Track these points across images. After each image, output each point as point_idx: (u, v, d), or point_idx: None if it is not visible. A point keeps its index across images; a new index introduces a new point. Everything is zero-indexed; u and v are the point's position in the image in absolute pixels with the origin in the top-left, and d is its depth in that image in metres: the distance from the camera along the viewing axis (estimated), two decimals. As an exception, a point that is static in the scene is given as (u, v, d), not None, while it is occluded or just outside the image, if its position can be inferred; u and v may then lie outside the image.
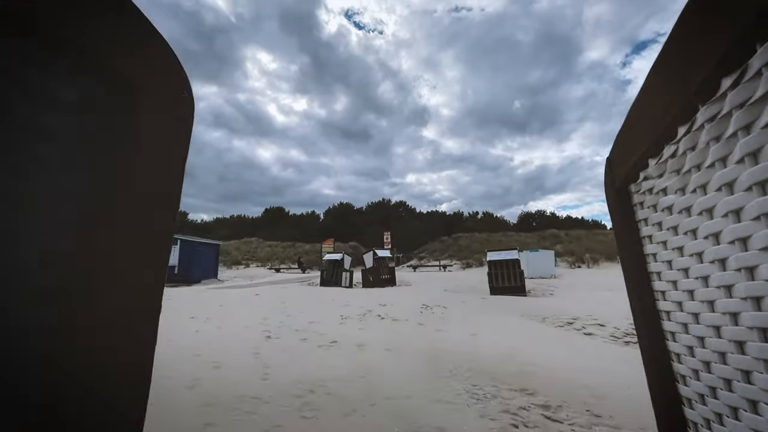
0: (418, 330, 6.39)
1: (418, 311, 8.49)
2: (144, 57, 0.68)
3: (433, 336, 5.87)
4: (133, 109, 0.67)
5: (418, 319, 7.51)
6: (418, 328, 6.52)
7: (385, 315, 7.75)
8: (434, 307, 9.08)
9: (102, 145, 0.63)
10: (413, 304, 9.59)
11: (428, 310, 8.63)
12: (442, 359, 4.48)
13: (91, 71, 0.61)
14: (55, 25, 0.54)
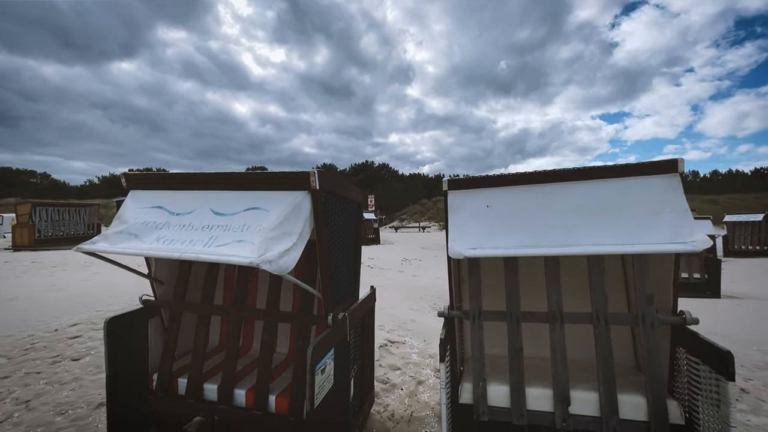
0: (400, 275, 8.61)
1: (399, 263, 10.74)
2: (354, 193, 2.47)
3: (410, 279, 8.11)
4: (359, 210, 2.51)
5: (400, 268, 9.76)
6: (399, 274, 8.75)
7: (373, 266, 9.92)
8: (412, 260, 11.38)
9: (354, 222, 2.47)
10: (395, 258, 11.84)
11: (407, 262, 10.91)
12: (415, 291, 6.70)
13: (351, 201, 2.42)
14: (359, 201, 2.37)
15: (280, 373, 2.02)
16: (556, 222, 1.65)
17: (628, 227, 1.55)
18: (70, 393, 2.75)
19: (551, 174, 1.76)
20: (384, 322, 4.57)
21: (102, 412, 2.49)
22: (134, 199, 1.82)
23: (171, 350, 1.99)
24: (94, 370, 3.15)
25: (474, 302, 1.92)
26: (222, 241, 1.49)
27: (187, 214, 1.69)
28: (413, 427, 2.37)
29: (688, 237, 1.44)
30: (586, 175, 1.70)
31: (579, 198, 1.68)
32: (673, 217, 1.52)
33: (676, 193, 1.57)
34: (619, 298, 2.12)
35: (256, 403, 1.79)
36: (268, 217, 1.52)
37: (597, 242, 1.55)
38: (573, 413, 1.71)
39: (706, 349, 1.51)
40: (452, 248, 1.68)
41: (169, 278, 2.17)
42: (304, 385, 1.70)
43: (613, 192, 1.65)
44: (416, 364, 3.41)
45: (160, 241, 1.57)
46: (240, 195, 1.68)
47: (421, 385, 3.00)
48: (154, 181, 1.85)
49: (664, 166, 1.61)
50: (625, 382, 1.76)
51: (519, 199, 1.76)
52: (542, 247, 1.60)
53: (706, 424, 1.52)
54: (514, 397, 1.77)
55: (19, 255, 12.08)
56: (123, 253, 1.56)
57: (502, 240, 1.67)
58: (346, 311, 1.92)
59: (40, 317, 4.63)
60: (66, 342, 3.80)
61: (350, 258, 2.24)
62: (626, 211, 1.59)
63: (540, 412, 1.76)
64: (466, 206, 1.83)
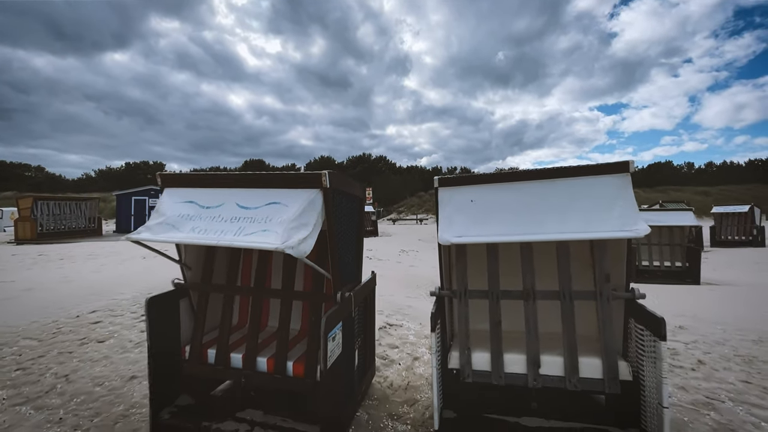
0: (398, 265, 8.96)
1: (397, 254, 11.08)
2: (357, 190, 2.77)
3: (407, 269, 8.45)
4: (362, 205, 2.80)
5: (397, 259, 10.10)
6: (397, 265, 9.09)
7: (372, 256, 10.25)
8: (409, 251, 11.72)
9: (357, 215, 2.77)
10: (393, 249, 12.19)
11: (405, 254, 11.25)
12: (412, 280, 7.04)
13: (356, 197, 2.71)
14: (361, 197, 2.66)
15: (295, 345, 2.35)
16: (529, 214, 1.96)
17: (586, 218, 1.86)
18: (103, 368, 3.07)
19: (525, 173, 2.06)
20: (383, 308, 4.91)
21: (134, 383, 2.82)
22: (169, 195, 2.11)
23: (201, 326, 2.31)
24: (120, 350, 3.47)
25: (460, 283, 2.24)
26: (249, 231, 1.79)
27: (216, 207, 1.98)
28: (409, 394, 2.71)
29: (633, 226, 1.75)
30: (554, 174, 2.01)
31: (548, 193, 1.98)
32: (623, 210, 1.83)
33: (626, 190, 1.88)
34: (588, 279, 2.45)
35: (276, 368, 2.11)
36: (287, 211, 1.82)
37: (561, 230, 1.86)
38: (542, 374, 2.05)
39: (648, 318, 1.84)
40: (441, 236, 1.99)
41: (196, 264, 2.47)
42: (317, 351, 2.03)
43: (576, 188, 1.96)
44: (413, 343, 3.76)
45: (195, 230, 1.86)
46: (261, 192, 1.97)
47: (416, 360, 3.34)
48: (185, 180, 2.14)
49: (618, 167, 1.92)
50: (587, 349, 2.10)
51: (498, 195, 2.06)
52: (517, 234, 1.91)
53: (648, 379, 1.86)
54: (494, 362, 2.11)
55: (23, 248, 12.31)
56: (164, 241, 1.86)
57: (484, 229, 1.98)
58: (351, 291, 2.24)
59: (60, 305, 4.93)
60: (89, 327, 4.11)
61: (354, 246, 2.55)
62: (586, 204, 1.90)
63: (515, 374, 2.09)
64: (453, 201, 2.14)
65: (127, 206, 20.06)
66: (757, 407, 2.41)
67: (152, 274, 7.28)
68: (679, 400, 2.53)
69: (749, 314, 4.57)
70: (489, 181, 2.12)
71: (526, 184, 2.06)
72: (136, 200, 20.05)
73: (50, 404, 2.51)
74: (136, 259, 9.66)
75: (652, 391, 1.81)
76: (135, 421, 2.32)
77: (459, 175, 2.21)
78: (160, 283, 6.13)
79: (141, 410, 2.43)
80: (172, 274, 7.96)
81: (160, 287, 5.82)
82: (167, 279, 6.31)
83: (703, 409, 2.41)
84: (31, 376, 2.92)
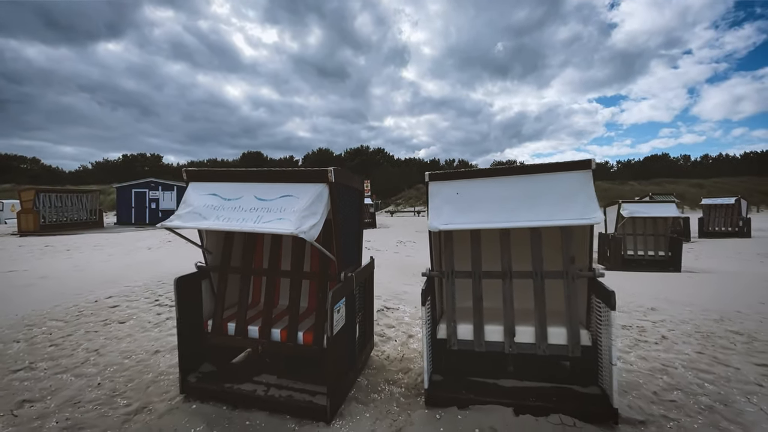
0: (395, 255, 9.32)
1: (395, 245, 11.44)
2: (357, 183, 3.07)
3: (404, 258, 8.81)
4: (362, 197, 3.10)
5: (395, 249, 10.46)
6: (394, 255, 9.45)
7: (370, 247, 10.61)
8: (407, 242, 12.09)
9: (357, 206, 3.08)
10: (391, 240, 12.55)
11: (402, 244, 11.61)
12: (408, 269, 7.40)
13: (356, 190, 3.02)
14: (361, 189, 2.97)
15: (303, 319, 2.69)
16: (506, 204, 2.28)
17: (553, 207, 2.19)
18: (129, 344, 3.41)
19: (503, 170, 2.39)
20: (381, 293, 5.27)
21: (159, 356, 3.16)
22: (194, 188, 2.41)
23: (221, 302, 2.64)
24: (141, 329, 3.81)
25: (448, 264, 2.58)
26: (267, 219, 2.10)
27: (236, 199, 2.30)
28: (404, 364, 3.07)
29: (591, 214, 2.08)
30: (527, 170, 2.33)
31: (522, 187, 2.31)
32: (585, 201, 2.16)
33: (588, 184, 2.21)
34: (557, 261, 2.79)
35: (289, 337, 2.45)
36: (299, 202, 2.14)
37: (532, 218, 2.19)
38: (517, 341, 2.40)
39: (603, 292, 2.18)
40: (431, 224, 2.32)
41: (216, 249, 2.79)
42: (324, 323, 2.36)
43: (545, 183, 2.28)
44: (408, 323, 4.11)
45: (220, 219, 2.18)
46: (276, 186, 2.28)
47: (411, 338, 3.70)
48: (209, 175, 2.45)
49: (581, 164, 2.24)
50: (555, 321, 2.45)
51: (480, 189, 2.39)
52: (495, 222, 2.24)
53: (604, 343, 2.21)
54: (476, 332, 2.46)
55: (28, 240, 12.58)
56: (193, 227, 2.17)
57: (468, 218, 2.31)
58: (352, 272, 2.57)
59: (76, 291, 5.26)
60: (108, 310, 4.45)
61: (355, 233, 2.88)
62: (554, 196, 2.23)
63: (494, 342, 2.44)
64: (441, 193, 2.46)
65: (127, 198, 20.27)
66: (704, 372, 2.79)
67: (159, 264, 7.59)
68: (639, 367, 2.90)
69: (717, 297, 4.96)
70: (472, 177, 2.44)
71: (504, 179, 2.38)
72: (136, 192, 20.25)
73: (87, 372, 2.85)
74: (141, 251, 9.96)
75: (606, 352, 2.17)
76: (164, 385, 2.66)
77: (446, 171, 2.53)
78: (167, 272, 6.45)
79: (168, 377, 2.78)
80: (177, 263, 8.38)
81: (168, 276, 6.15)
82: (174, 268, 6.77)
83: (658, 374, 2.78)
84: (65, 350, 3.26)
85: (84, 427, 2.16)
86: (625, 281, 6.38)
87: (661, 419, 2.19)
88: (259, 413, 2.30)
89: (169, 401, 2.44)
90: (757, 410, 2.28)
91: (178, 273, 2.63)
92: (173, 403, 2.41)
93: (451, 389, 2.44)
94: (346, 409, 2.36)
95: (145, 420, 2.24)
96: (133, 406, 2.39)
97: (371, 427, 2.19)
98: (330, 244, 2.57)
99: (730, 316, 4.11)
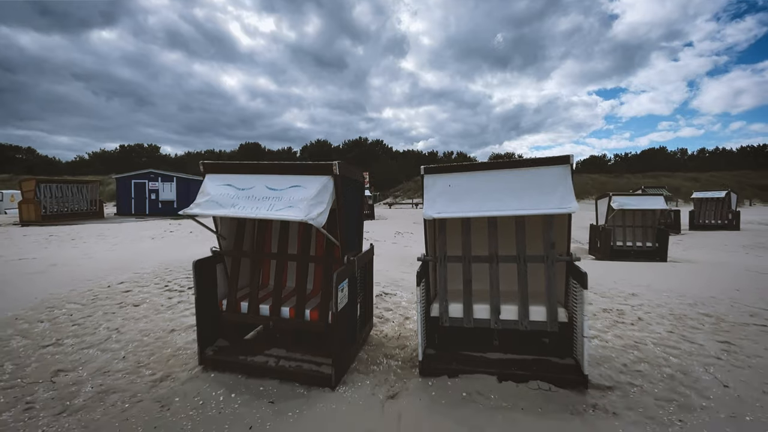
0: (393, 246, 9.60)
1: (393, 236, 11.72)
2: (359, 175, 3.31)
3: (402, 249, 9.09)
4: (362, 188, 3.34)
5: (393, 240, 10.74)
6: (392, 245, 9.73)
7: (369, 238, 10.88)
8: (404, 233, 12.37)
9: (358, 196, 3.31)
10: (389, 231, 12.82)
11: (400, 235, 11.89)
12: (406, 258, 7.68)
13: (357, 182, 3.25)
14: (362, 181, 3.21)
15: (309, 299, 2.95)
16: (492, 195, 2.53)
17: (535, 198, 2.44)
18: (146, 324, 3.68)
19: (491, 164, 2.63)
20: (379, 280, 5.55)
21: (175, 335, 3.43)
22: (210, 179, 2.65)
23: (235, 284, 2.90)
24: (155, 312, 4.08)
25: (441, 250, 2.84)
26: (278, 207, 2.35)
27: (249, 189, 2.54)
28: (400, 342, 3.35)
29: (567, 204, 2.34)
30: (512, 165, 2.58)
31: (507, 180, 2.56)
32: (563, 193, 2.41)
33: (567, 178, 2.46)
34: (539, 247, 3.06)
35: (296, 314, 2.72)
36: (307, 192, 2.38)
37: (516, 208, 2.44)
38: (502, 318, 2.68)
39: (579, 275, 2.45)
40: (425, 213, 2.57)
41: (229, 235, 3.04)
42: (329, 301, 2.63)
43: (529, 176, 2.53)
44: (404, 307, 4.40)
45: (236, 207, 2.42)
46: (286, 177, 2.52)
47: (407, 320, 3.98)
48: (224, 168, 2.68)
49: (561, 159, 2.49)
50: (536, 300, 2.72)
51: (469, 181, 2.63)
52: (483, 211, 2.49)
53: (578, 319, 2.49)
54: (466, 310, 2.73)
55: (31, 230, 12.76)
56: (212, 215, 2.42)
57: (459, 207, 2.56)
58: (354, 257, 2.83)
59: (87, 278, 5.50)
60: (121, 294, 4.70)
61: (356, 220, 3.13)
62: (535, 188, 2.48)
63: (481, 319, 2.72)
64: (436, 185, 2.71)
65: (127, 189, 20.38)
66: (672, 348, 3.09)
67: (164, 252, 7.83)
68: (613, 344, 3.20)
69: (694, 284, 5.28)
70: (463, 170, 2.69)
71: (492, 172, 2.63)
72: (136, 183, 20.35)
73: (111, 348, 3.12)
74: (145, 240, 10.19)
75: (579, 327, 2.45)
76: (184, 358, 2.94)
77: (440, 165, 2.77)
78: (173, 259, 6.70)
79: (186, 352, 3.05)
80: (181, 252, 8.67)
81: (174, 263, 6.40)
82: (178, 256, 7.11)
83: (630, 349, 3.08)
84: (87, 329, 3.52)
85: (117, 391, 2.44)
86: (612, 270, 6.69)
87: (627, 386, 2.49)
88: (271, 381, 2.58)
89: (190, 371, 2.72)
90: (711, 378, 2.58)
91: (183, 261, 2.89)
92: (193, 373, 2.69)
93: (442, 361, 2.73)
94: (348, 378, 2.64)
95: (170, 386, 2.52)
96: (157, 375, 2.67)
97: (371, 392, 2.47)
98: (334, 230, 2.82)
99: (704, 301, 4.42)
